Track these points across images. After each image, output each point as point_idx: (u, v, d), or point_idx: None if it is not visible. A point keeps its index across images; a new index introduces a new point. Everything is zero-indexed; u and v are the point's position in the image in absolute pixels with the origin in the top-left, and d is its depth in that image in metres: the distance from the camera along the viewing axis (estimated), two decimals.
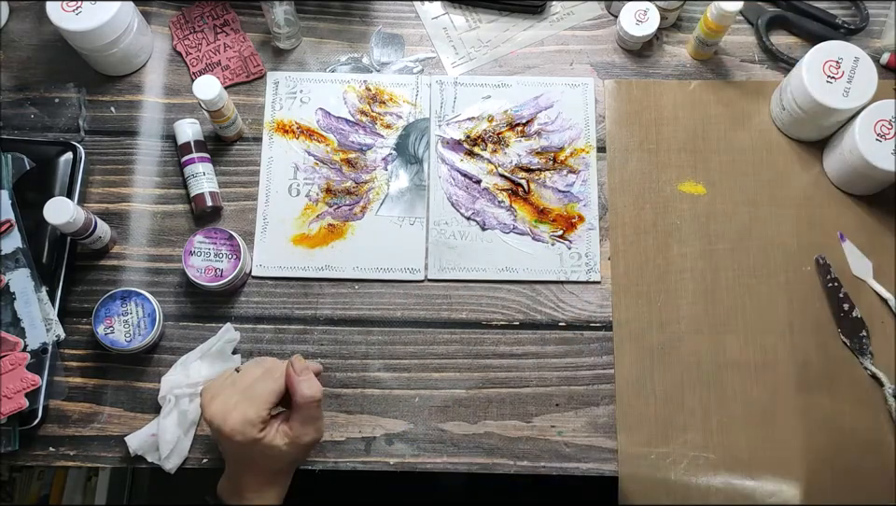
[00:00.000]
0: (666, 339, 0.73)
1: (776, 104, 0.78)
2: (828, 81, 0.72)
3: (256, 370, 0.62)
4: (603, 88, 0.81)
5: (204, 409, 0.60)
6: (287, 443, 0.60)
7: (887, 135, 0.71)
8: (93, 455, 0.70)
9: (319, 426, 0.62)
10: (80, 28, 0.72)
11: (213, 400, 0.60)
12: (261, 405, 0.59)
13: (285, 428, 0.60)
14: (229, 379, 0.62)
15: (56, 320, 0.71)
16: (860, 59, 0.73)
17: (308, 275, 0.75)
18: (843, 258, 0.75)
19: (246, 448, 0.59)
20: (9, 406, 0.66)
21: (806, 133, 0.76)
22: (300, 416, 0.60)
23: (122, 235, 0.76)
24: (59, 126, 0.78)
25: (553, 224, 0.76)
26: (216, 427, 0.59)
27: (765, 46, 0.81)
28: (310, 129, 0.79)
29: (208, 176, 0.75)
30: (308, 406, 0.60)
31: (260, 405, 0.59)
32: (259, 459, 0.60)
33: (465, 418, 0.71)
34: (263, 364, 0.63)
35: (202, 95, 0.71)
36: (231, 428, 0.58)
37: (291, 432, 0.60)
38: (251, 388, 0.60)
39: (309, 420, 0.60)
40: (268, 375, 0.61)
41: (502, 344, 0.73)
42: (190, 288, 0.74)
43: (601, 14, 0.84)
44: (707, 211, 0.76)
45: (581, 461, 0.70)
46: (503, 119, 0.80)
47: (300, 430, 0.60)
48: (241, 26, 0.82)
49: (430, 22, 0.83)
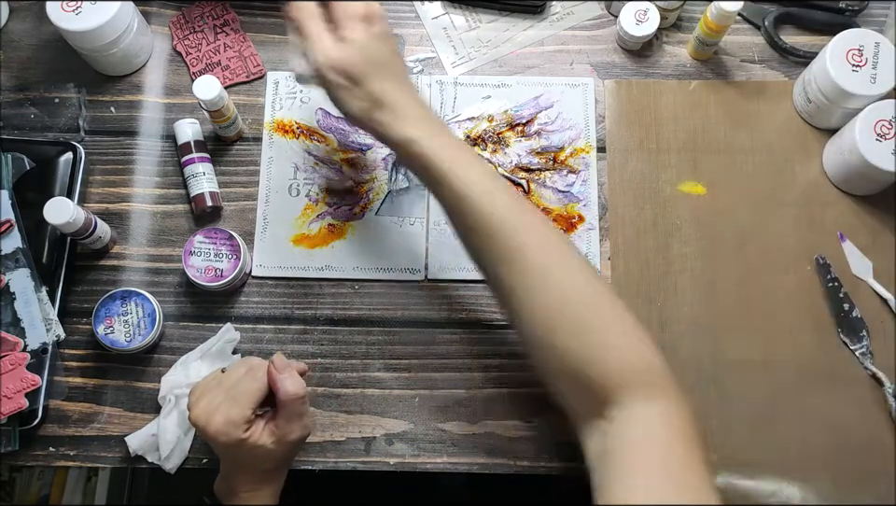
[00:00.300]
0: (666, 339, 0.73)
1: (800, 97, 0.78)
2: (853, 70, 0.72)
3: (240, 369, 0.62)
4: (603, 88, 0.81)
5: (190, 410, 0.60)
6: (274, 442, 0.60)
7: (887, 135, 0.71)
8: (93, 455, 0.70)
9: (305, 422, 0.61)
10: (80, 28, 0.72)
11: (198, 401, 0.60)
12: (245, 405, 0.59)
13: (270, 427, 0.60)
14: (214, 380, 0.62)
15: (56, 320, 0.71)
16: (880, 43, 0.73)
17: (308, 275, 0.75)
18: (843, 258, 0.75)
19: (233, 448, 0.59)
20: (9, 406, 0.66)
21: (836, 121, 0.77)
22: (284, 414, 0.60)
23: (122, 235, 0.76)
24: (59, 126, 0.78)
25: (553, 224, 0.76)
26: (200, 428, 0.59)
27: (777, 45, 0.81)
28: (310, 129, 0.79)
29: (208, 176, 0.75)
30: (291, 403, 0.59)
31: (244, 405, 0.59)
32: (247, 459, 0.60)
33: (465, 418, 0.71)
34: (248, 363, 0.62)
35: (202, 95, 0.71)
36: (214, 429, 0.58)
37: (277, 431, 0.60)
38: (234, 389, 0.60)
39: (293, 417, 0.60)
40: (251, 375, 0.61)
41: (502, 344, 0.73)
42: (190, 288, 0.74)
43: (601, 14, 0.84)
44: (706, 211, 0.76)
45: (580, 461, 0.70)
46: (503, 119, 0.80)
47: (285, 428, 0.60)
48: (241, 26, 0.82)
49: (430, 22, 0.83)
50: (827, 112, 0.76)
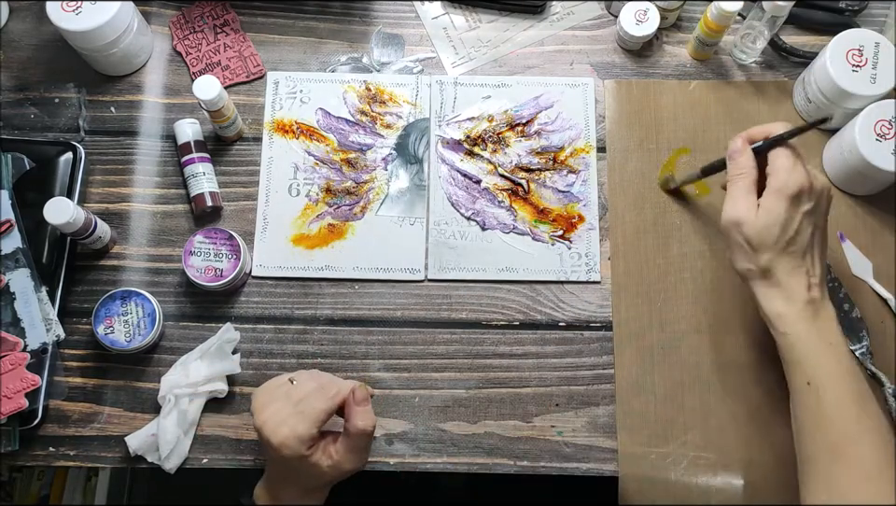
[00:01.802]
0: (666, 339, 0.73)
1: (800, 97, 0.78)
2: (853, 70, 0.72)
3: (310, 384, 0.61)
4: (603, 88, 0.81)
5: (255, 416, 0.60)
6: (330, 466, 0.60)
7: (887, 135, 0.71)
8: (93, 455, 0.70)
9: (364, 457, 0.62)
10: (80, 28, 0.72)
11: (264, 409, 0.60)
12: (312, 423, 0.59)
13: (330, 451, 0.60)
14: (282, 389, 0.61)
15: (56, 320, 0.71)
16: (880, 43, 0.73)
17: (308, 275, 0.75)
18: (843, 258, 0.75)
19: (292, 462, 0.59)
20: (9, 406, 0.66)
21: (836, 121, 0.76)
22: (348, 444, 0.60)
23: (122, 235, 0.76)
24: (59, 126, 0.78)
25: (553, 224, 0.76)
26: (265, 437, 0.59)
27: (777, 44, 0.81)
28: (310, 129, 0.79)
29: (208, 176, 0.75)
30: (359, 437, 0.60)
31: (311, 423, 0.59)
32: (301, 474, 0.61)
33: (465, 418, 0.71)
34: (319, 379, 0.62)
35: (202, 95, 0.71)
36: (279, 441, 0.58)
37: (335, 457, 0.60)
38: (304, 403, 0.59)
39: (356, 450, 0.60)
40: (322, 393, 0.60)
41: (502, 344, 0.73)
42: (190, 288, 0.74)
43: (601, 14, 0.84)
44: (706, 211, 0.76)
45: (581, 461, 0.70)
46: (503, 119, 0.80)
47: (344, 457, 0.60)
48: (241, 26, 0.82)
49: (430, 22, 0.83)
50: (827, 112, 0.76)
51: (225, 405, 0.71)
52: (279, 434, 0.58)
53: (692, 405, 0.71)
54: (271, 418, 0.59)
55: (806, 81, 0.77)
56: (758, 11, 0.75)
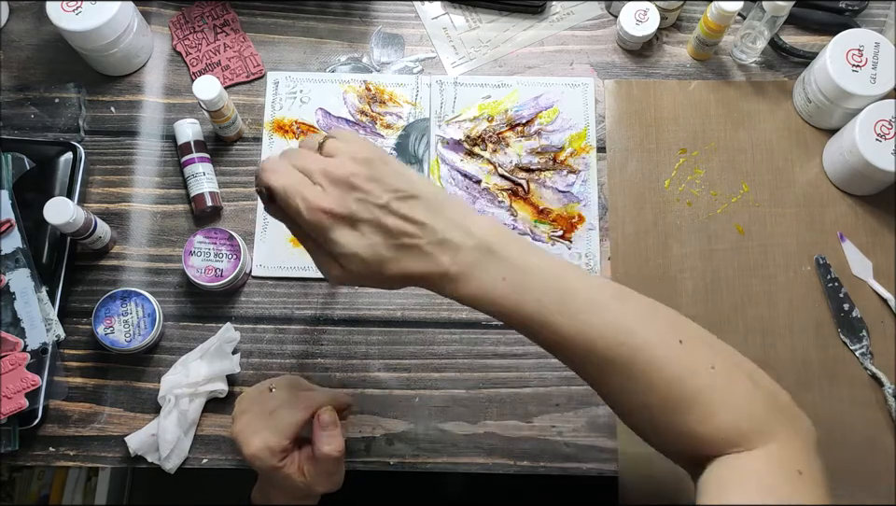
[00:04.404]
0: None
1: (800, 97, 0.78)
2: (853, 70, 0.72)
3: (284, 393, 0.60)
4: (603, 88, 0.81)
5: (233, 423, 0.60)
6: (304, 484, 0.59)
7: (887, 135, 0.71)
8: (93, 455, 0.70)
9: (336, 480, 0.60)
10: (80, 28, 0.72)
11: (241, 417, 0.59)
12: (282, 435, 0.57)
13: (304, 469, 0.59)
14: (260, 397, 0.60)
15: (56, 320, 0.71)
16: (880, 43, 0.73)
17: (308, 275, 0.75)
18: (843, 258, 0.75)
19: (267, 473, 0.59)
20: (9, 406, 0.66)
21: (836, 121, 0.77)
22: (318, 467, 0.58)
23: (122, 235, 0.76)
24: (59, 126, 0.78)
25: (553, 224, 0.76)
26: (238, 446, 0.58)
27: (777, 44, 0.81)
28: (310, 129, 0.79)
29: (208, 176, 0.75)
30: (325, 461, 0.58)
31: (281, 435, 0.57)
32: (280, 484, 0.60)
33: (465, 418, 0.71)
34: (295, 386, 0.61)
35: (202, 95, 0.71)
36: (251, 452, 0.57)
37: (306, 478, 0.58)
38: (275, 415, 0.58)
39: (326, 474, 0.59)
40: (293, 404, 0.59)
41: (502, 344, 0.73)
42: (190, 288, 0.74)
43: (601, 14, 0.84)
44: (707, 211, 0.76)
45: (581, 461, 0.70)
46: (503, 120, 0.79)
47: (315, 479, 0.59)
48: (241, 26, 0.82)
49: (430, 22, 0.83)
50: (827, 112, 0.76)
51: (225, 405, 0.71)
52: (251, 445, 0.57)
53: None
54: (245, 427, 0.58)
55: (806, 81, 0.77)
56: (758, 11, 0.75)
